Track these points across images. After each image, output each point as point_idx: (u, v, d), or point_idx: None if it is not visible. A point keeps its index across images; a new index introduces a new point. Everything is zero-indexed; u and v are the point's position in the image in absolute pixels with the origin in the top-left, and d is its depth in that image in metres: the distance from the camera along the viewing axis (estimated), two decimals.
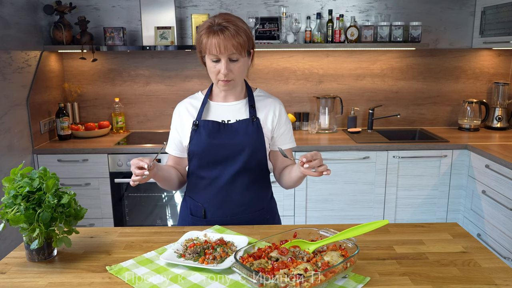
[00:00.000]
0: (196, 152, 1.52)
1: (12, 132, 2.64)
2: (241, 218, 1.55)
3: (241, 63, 1.45)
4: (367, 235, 1.35)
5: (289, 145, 1.62)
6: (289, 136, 1.62)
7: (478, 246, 1.31)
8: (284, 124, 1.60)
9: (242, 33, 1.41)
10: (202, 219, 1.56)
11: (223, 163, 1.51)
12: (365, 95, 3.39)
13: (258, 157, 1.53)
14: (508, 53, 3.33)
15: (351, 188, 2.91)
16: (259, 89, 1.63)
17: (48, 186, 1.20)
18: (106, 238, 1.39)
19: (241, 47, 1.41)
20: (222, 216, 1.54)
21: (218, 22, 1.41)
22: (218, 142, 1.50)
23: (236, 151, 1.50)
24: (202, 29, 1.43)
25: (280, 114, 1.58)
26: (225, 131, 1.51)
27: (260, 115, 1.55)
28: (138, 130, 3.42)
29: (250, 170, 1.53)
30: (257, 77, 3.34)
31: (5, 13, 2.59)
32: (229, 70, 1.42)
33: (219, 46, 1.38)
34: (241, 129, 1.51)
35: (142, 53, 3.30)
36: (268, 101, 1.59)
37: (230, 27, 1.39)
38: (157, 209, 3.01)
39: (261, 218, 1.59)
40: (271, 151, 1.61)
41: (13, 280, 1.14)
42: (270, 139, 1.58)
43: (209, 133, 1.50)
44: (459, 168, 2.88)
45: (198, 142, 1.50)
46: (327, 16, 3.21)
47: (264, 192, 1.62)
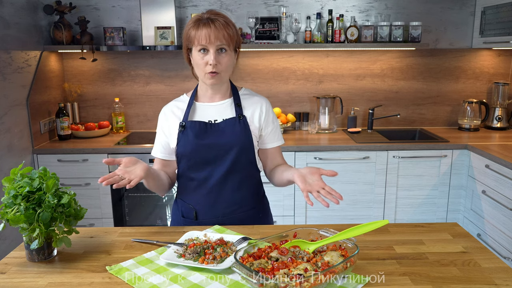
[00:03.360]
0: (184, 154, 1.50)
1: (12, 132, 2.64)
2: (234, 217, 1.54)
3: (228, 56, 1.45)
4: (367, 235, 1.35)
5: (278, 143, 1.61)
6: (277, 134, 1.60)
7: (478, 246, 1.31)
8: (271, 122, 1.58)
9: (232, 26, 1.44)
10: (193, 220, 1.55)
11: (212, 164, 1.50)
12: (365, 95, 3.39)
13: (247, 155, 1.52)
14: (508, 53, 3.33)
15: (351, 188, 2.91)
16: (244, 88, 1.62)
17: (48, 186, 1.20)
18: (106, 238, 1.39)
19: (230, 39, 1.42)
20: (214, 217, 1.53)
21: (206, 16, 1.43)
22: (206, 143, 1.48)
23: (225, 150, 1.49)
24: (190, 23, 1.45)
25: (267, 112, 1.57)
26: (212, 131, 1.49)
27: (246, 113, 1.54)
28: (138, 130, 3.42)
29: (240, 169, 1.51)
30: (257, 77, 3.34)
31: (5, 13, 2.59)
32: (218, 61, 1.42)
33: (209, 36, 1.39)
34: (228, 128, 1.50)
35: (142, 53, 3.30)
36: (255, 99, 1.58)
37: (219, 19, 1.42)
38: (157, 209, 3.01)
39: (253, 216, 1.58)
40: (260, 149, 1.60)
41: (13, 280, 1.14)
42: (258, 137, 1.57)
43: (196, 133, 1.49)
44: (459, 168, 2.88)
45: (185, 144, 1.49)
46: (327, 16, 3.21)
47: (255, 190, 1.60)
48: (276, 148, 1.61)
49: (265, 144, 1.59)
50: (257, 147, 1.58)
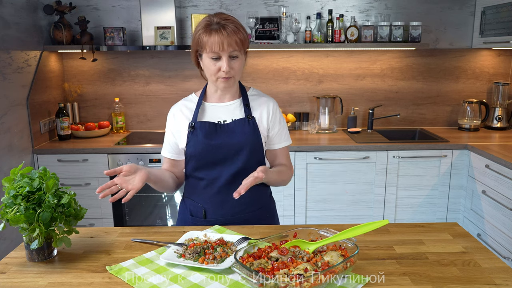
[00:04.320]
0: (193, 154, 1.51)
1: (12, 132, 2.64)
2: (242, 217, 1.55)
3: (240, 60, 1.46)
4: (367, 235, 1.35)
5: (285, 143, 1.62)
6: (284, 134, 1.61)
7: (478, 246, 1.31)
8: (278, 122, 1.59)
9: (242, 30, 1.43)
10: (202, 219, 1.56)
11: (221, 164, 1.51)
12: (365, 95, 3.39)
13: (256, 156, 1.54)
14: (508, 53, 3.33)
15: (351, 188, 2.90)
16: (252, 88, 1.63)
17: (48, 186, 1.20)
18: (106, 238, 1.39)
19: (242, 44, 1.42)
20: (222, 216, 1.54)
21: (217, 20, 1.42)
22: (216, 143, 1.49)
23: (234, 151, 1.50)
24: (200, 28, 1.44)
25: (274, 113, 1.58)
26: (221, 132, 1.51)
27: (255, 114, 1.55)
28: (138, 130, 3.42)
29: (249, 169, 1.52)
30: (257, 77, 3.34)
31: (5, 13, 2.59)
32: (230, 67, 1.43)
33: (222, 43, 1.39)
34: (237, 129, 1.51)
35: (142, 53, 3.30)
36: (262, 100, 1.59)
37: (229, 25, 1.41)
38: (157, 209, 3.01)
39: (261, 217, 1.59)
40: (267, 150, 1.62)
41: (13, 280, 1.14)
42: (266, 137, 1.58)
43: (206, 134, 1.50)
44: (459, 168, 2.88)
45: (195, 144, 1.50)
46: (327, 16, 3.21)
47: (263, 190, 1.62)
48: (283, 148, 1.62)
49: (272, 144, 1.60)
50: (265, 147, 1.60)
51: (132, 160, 2.83)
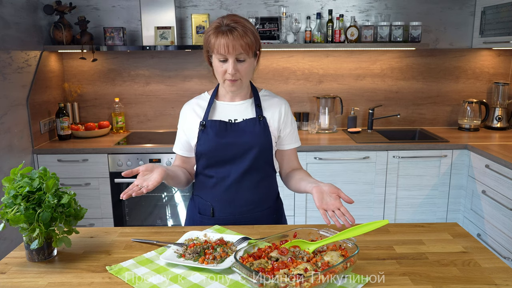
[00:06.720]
0: (204, 152, 1.53)
1: (12, 132, 2.64)
2: (250, 216, 1.56)
3: (247, 64, 1.46)
4: (367, 235, 1.35)
5: (295, 145, 1.64)
6: (294, 135, 1.63)
7: (478, 246, 1.31)
8: (290, 124, 1.61)
9: (250, 34, 1.43)
10: (210, 217, 1.57)
11: (231, 162, 1.52)
12: (365, 95, 3.39)
13: (266, 156, 1.55)
14: (508, 53, 3.33)
15: (351, 188, 2.90)
16: (264, 89, 1.65)
17: (48, 186, 1.20)
18: (106, 238, 1.39)
19: (249, 48, 1.42)
20: (230, 215, 1.55)
21: (227, 23, 1.42)
22: (226, 141, 1.51)
23: (244, 150, 1.51)
24: (210, 29, 1.45)
25: (286, 114, 1.59)
26: (232, 130, 1.52)
27: (266, 114, 1.56)
28: (138, 130, 3.42)
29: (258, 169, 1.54)
30: (257, 77, 3.34)
31: (5, 13, 2.59)
32: (236, 70, 1.44)
33: (228, 46, 1.39)
34: (248, 128, 1.52)
35: (142, 53, 3.30)
36: (274, 101, 1.60)
37: (238, 28, 1.41)
38: (157, 209, 3.01)
39: (268, 217, 1.60)
40: (277, 150, 1.63)
41: (13, 280, 1.14)
42: (277, 138, 1.59)
43: (217, 132, 1.51)
44: (459, 168, 2.88)
45: (206, 142, 1.52)
46: (327, 16, 3.21)
47: (271, 190, 1.64)
48: (293, 149, 1.63)
49: (282, 145, 1.61)
50: (275, 148, 1.61)
51: (132, 160, 2.84)
